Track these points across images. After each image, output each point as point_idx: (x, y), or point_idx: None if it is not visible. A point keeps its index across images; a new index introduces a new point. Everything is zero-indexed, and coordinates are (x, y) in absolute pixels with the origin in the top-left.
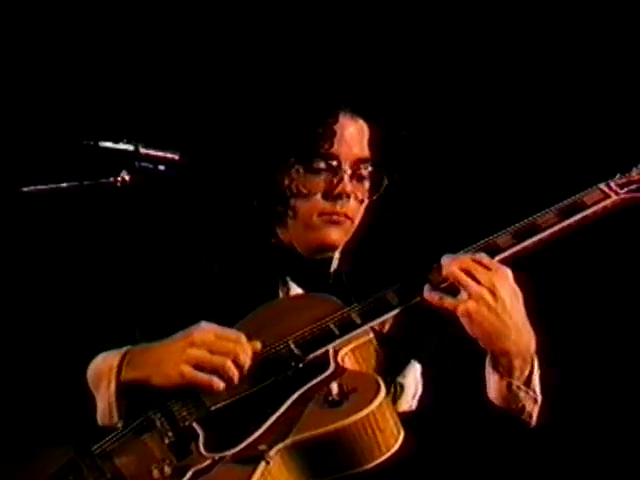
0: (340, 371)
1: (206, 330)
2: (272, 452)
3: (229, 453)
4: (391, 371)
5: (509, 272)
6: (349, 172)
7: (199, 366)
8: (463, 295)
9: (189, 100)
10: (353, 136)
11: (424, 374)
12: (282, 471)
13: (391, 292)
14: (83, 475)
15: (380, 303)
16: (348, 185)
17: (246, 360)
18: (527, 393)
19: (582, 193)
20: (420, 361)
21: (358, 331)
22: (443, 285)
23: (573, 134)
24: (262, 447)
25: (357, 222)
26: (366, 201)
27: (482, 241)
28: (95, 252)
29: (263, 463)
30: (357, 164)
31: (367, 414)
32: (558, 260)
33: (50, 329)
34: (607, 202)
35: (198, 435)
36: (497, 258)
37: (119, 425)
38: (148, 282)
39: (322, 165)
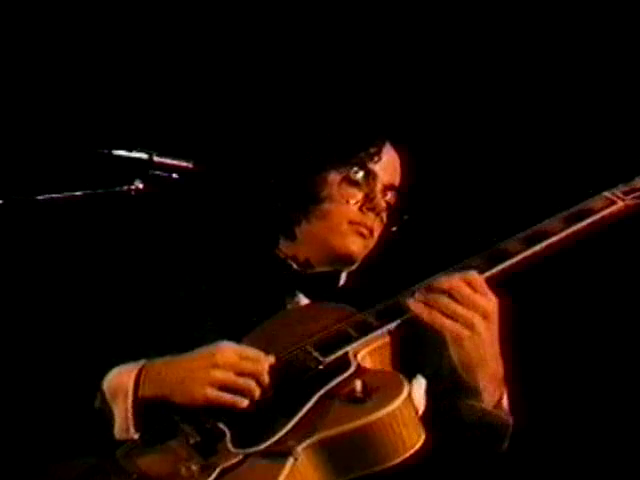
0: (362, 370)
1: (228, 351)
2: (300, 449)
3: (258, 449)
4: (408, 372)
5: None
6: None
7: (223, 388)
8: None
9: (213, 104)
10: (390, 162)
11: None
12: (309, 468)
13: (406, 295)
14: (110, 477)
15: (396, 305)
16: (382, 203)
17: (267, 378)
18: (498, 415)
19: (588, 200)
20: (426, 376)
21: (376, 333)
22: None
23: (577, 143)
24: (290, 443)
25: (374, 242)
26: (381, 226)
27: (490, 249)
28: (108, 262)
29: (292, 459)
30: (388, 189)
31: (393, 409)
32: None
33: (64, 340)
34: (613, 208)
35: (224, 434)
36: (507, 263)
37: (136, 438)
38: (159, 293)
39: (360, 177)
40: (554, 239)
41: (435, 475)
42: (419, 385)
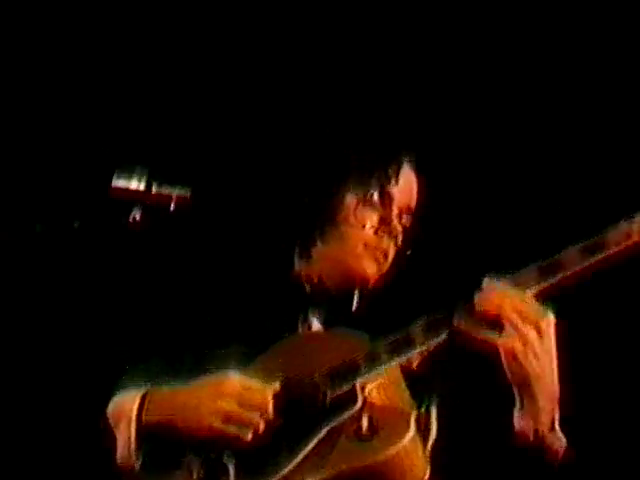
0: (369, 405)
1: (234, 382)
2: None
3: None
4: (417, 405)
5: (553, 317)
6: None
7: (228, 420)
8: (509, 331)
9: (223, 122)
10: (407, 185)
11: (441, 414)
12: None
13: (417, 328)
14: None
15: (406, 339)
16: (399, 226)
17: (272, 412)
18: (554, 437)
19: (607, 231)
20: (441, 400)
21: (384, 366)
22: (478, 318)
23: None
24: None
25: (388, 265)
26: (395, 249)
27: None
28: (108, 292)
29: None
30: (404, 212)
31: (399, 449)
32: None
33: (66, 367)
34: (630, 241)
35: (228, 470)
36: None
37: (137, 466)
38: (164, 320)
39: (376, 200)
40: (569, 272)
41: None
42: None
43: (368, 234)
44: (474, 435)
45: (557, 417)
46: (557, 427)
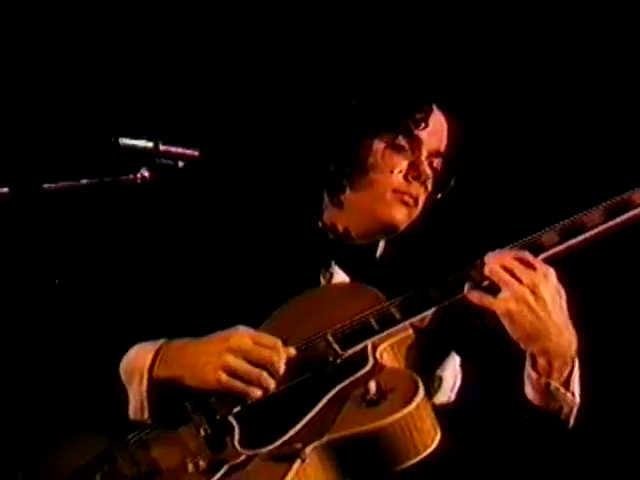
0: (378, 368)
1: (243, 336)
2: (308, 450)
3: (264, 450)
4: (430, 366)
5: (552, 271)
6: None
7: (236, 375)
8: (504, 294)
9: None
10: (437, 128)
11: (463, 366)
12: (317, 469)
13: (433, 288)
14: (118, 465)
15: (421, 298)
16: (428, 170)
17: (281, 367)
18: (565, 394)
19: (630, 192)
20: (459, 353)
21: (398, 327)
22: (484, 283)
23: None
24: (298, 445)
25: (418, 211)
26: (426, 194)
27: (526, 238)
28: (118, 249)
29: (299, 461)
30: (433, 155)
31: (405, 414)
32: (603, 259)
33: (80, 322)
34: None
35: (234, 429)
36: (541, 256)
37: (150, 420)
38: (181, 275)
39: (405, 144)
40: (591, 233)
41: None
42: (454, 361)
43: (397, 179)
44: (488, 396)
45: (574, 376)
46: (573, 384)
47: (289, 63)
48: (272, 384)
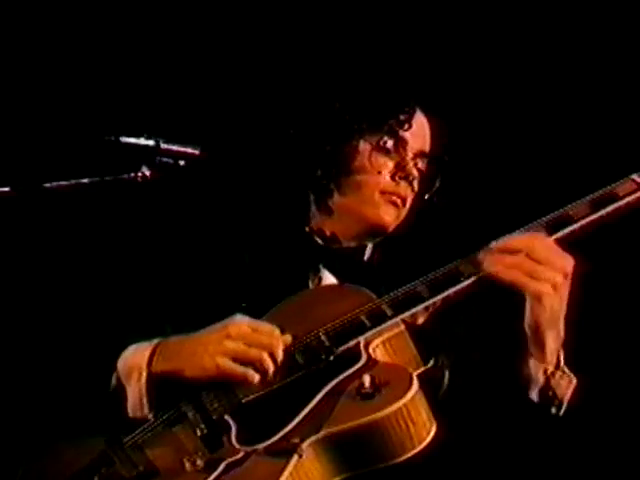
0: (372, 363)
1: (241, 323)
2: (305, 445)
3: (261, 446)
4: (423, 362)
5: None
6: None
7: (235, 358)
8: (536, 275)
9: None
10: (420, 129)
11: (452, 365)
12: (314, 464)
13: (422, 284)
14: (115, 467)
15: (411, 295)
16: (414, 170)
17: (280, 353)
18: (562, 376)
19: (614, 184)
20: (450, 349)
21: (389, 323)
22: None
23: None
24: (295, 440)
25: (406, 212)
26: (413, 195)
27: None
28: (121, 247)
29: (296, 456)
30: (418, 156)
31: (400, 407)
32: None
33: (80, 322)
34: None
35: (230, 427)
36: None
37: (150, 417)
38: (176, 275)
39: (390, 145)
40: (577, 225)
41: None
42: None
43: (384, 180)
44: (483, 386)
45: (561, 357)
46: (563, 365)
47: (275, 67)
48: (271, 367)
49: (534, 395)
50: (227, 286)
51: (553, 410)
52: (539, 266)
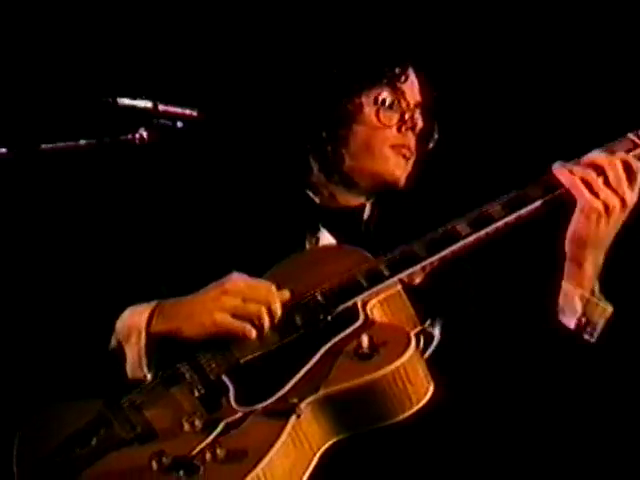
0: (369, 323)
1: (238, 280)
2: (303, 405)
3: (260, 407)
4: (420, 321)
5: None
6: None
7: (233, 314)
8: (597, 190)
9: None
10: (415, 82)
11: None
12: (312, 424)
13: (419, 244)
14: (113, 428)
15: (408, 255)
16: (420, 119)
17: (278, 308)
18: (598, 304)
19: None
20: (447, 309)
21: (386, 283)
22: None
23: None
24: (293, 400)
25: (412, 164)
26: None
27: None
28: (118, 209)
29: (294, 416)
30: (417, 106)
31: (398, 367)
32: None
33: (77, 284)
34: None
35: (228, 388)
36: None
37: (148, 377)
38: (174, 236)
39: (391, 99)
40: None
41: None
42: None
43: (392, 133)
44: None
45: (597, 286)
46: (598, 293)
47: (272, 25)
48: (267, 322)
49: (568, 321)
50: (224, 247)
51: (586, 336)
52: (605, 187)
